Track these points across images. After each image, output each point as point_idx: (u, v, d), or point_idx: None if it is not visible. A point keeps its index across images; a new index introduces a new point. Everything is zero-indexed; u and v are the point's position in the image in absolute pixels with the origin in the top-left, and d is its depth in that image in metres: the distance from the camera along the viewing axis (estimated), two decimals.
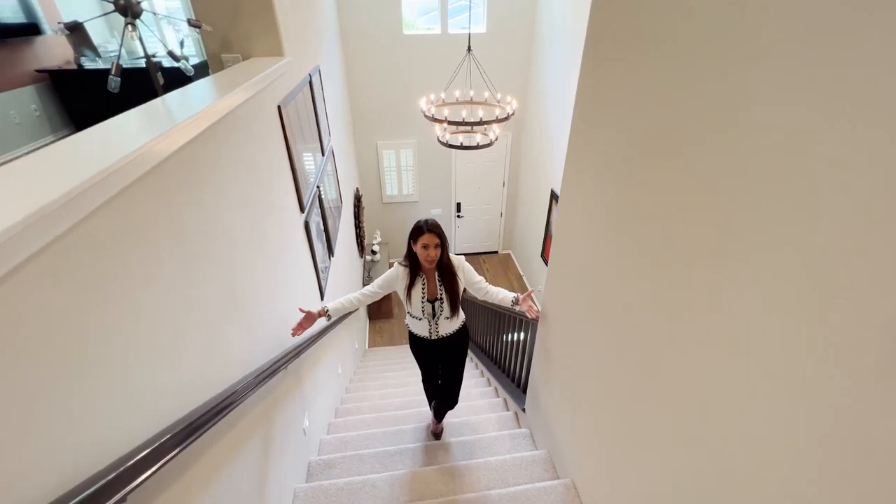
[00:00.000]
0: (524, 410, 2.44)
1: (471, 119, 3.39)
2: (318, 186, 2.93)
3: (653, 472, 1.15)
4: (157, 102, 1.28)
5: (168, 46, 2.51)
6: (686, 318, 0.95)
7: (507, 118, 3.48)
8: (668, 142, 0.97)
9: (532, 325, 2.28)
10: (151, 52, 2.02)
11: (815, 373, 0.65)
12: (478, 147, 3.80)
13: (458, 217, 7.14)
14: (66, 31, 1.73)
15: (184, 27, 4.25)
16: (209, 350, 1.15)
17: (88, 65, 4.62)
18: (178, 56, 2.09)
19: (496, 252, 7.66)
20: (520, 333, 2.70)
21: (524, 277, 6.82)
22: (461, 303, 2.01)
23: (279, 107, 2.05)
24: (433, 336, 2.04)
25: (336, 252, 3.53)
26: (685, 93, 0.90)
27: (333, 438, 2.45)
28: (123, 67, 1.92)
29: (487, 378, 3.60)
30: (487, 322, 3.63)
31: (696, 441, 0.95)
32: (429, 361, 2.21)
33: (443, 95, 3.87)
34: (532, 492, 1.73)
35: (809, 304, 0.64)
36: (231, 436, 1.26)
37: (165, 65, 3.87)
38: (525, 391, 2.49)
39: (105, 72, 4.44)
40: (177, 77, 3.19)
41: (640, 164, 1.10)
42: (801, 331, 0.66)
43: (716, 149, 0.81)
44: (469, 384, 3.57)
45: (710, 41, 0.81)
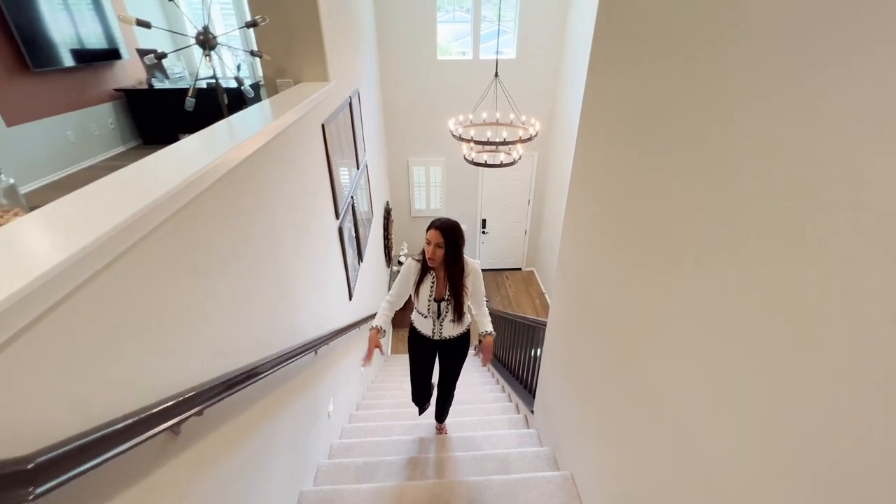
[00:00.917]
0: (532, 412, 2.57)
1: (495, 139, 3.63)
2: (352, 197, 3.22)
3: (639, 466, 1.25)
4: (227, 121, 1.58)
5: (230, 72, 2.90)
6: (671, 325, 1.03)
7: (530, 139, 3.70)
8: (660, 153, 1.10)
9: (542, 335, 2.43)
10: (218, 76, 2.38)
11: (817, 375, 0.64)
12: (501, 165, 4.03)
13: (484, 233, 7.35)
14: (155, 60, 2.08)
15: (241, 53, 4.76)
16: (265, 322, 1.40)
17: (157, 85, 5.21)
18: (242, 80, 2.44)
19: (519, 269, 7.79)
20: (534, 343, 2.85)
21: (546, 295, 6.90)
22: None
23: (323, 125, 2.35)
24: (436, 336, 2.04)
25: (365, 258, 3.80)
26: (673, 105, 0.98)
27: (354, 427, 2.66)
28: (185, 88, 2.26)
29: (502, 385, 3.73)
30: (505, 332, 3.78)
31: (671, 436, 1.06)
32: (425, 360, 2.19)
33: (471, 117, 4.14)
34: (532, 480, 1.86)
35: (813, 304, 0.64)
36: (272, 397, 1.49)
37: (225, 86, 4.35)
38: (534, 395, 2.62)
39: (171, 91, 5.03)
40: (237, 97, 3.62)
41: (634, 178, 1.26)
42: (797, 335, 0.67)
43: (706, 162, 0.87)
44: (484, 390, 3.71)
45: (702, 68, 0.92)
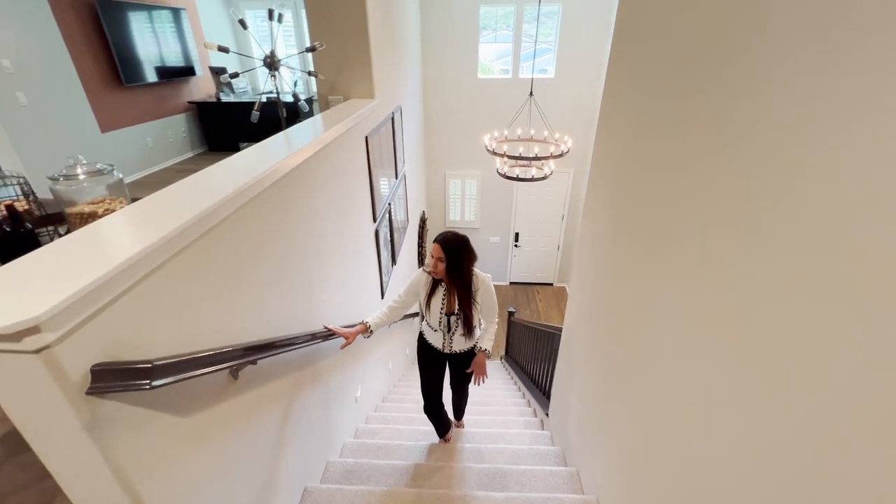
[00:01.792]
0: (547, 415, 2.67)
1: (527, 154, 3.80)
2: (390, 203, 3.48)
3: (636, 465, 1.34)
4: (285, 133, 1.86)
5: (288, 88, 3.27)
6: (666, 336, 1.11)
7: (561, 155, 3.84)
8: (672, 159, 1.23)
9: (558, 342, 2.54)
10: (278, 91, 2.73)
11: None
12: (532, 179, 4.18)
13: (516, 246, 7.46)
14: (229, 79, 2.44)
15: (298, 72, 5.27)
16: (304, 302, 1.64)
17: (224, 98, 5.79)
18: (298, 96, 2.78)
19: (551, 284, 7.81)
20: (553, 350, 2.95)
21: None
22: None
23: (366, 137, 2.63)
24: (446, 350, 2.01)
25: (398, 261, 4.05)
26: (684, 116, 1.03)
27: (379, 415, 2.86)
28: (247, 101, 2.60)
29: (523, 392, 3.82)
30: (527, 341, 3.89)
31: (664, 438, 1.15)
32: (434, 372, 2.15)
33: (506, 132, 4.34)
34: (539, 473, 1.98)
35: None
36: (309, 370, 1.73)
37: (283, 101, 4.82)
38: (549, 399, 2.73)
39: (235, 104, 5.59)
40: (293, 110, 4.02)
41: (641, 192, 1.39)
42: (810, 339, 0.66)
43: (712, 172, 0.91)
44: (505, 395, 3.82)
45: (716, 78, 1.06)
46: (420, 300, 1.94)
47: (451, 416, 2.56)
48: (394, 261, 3.80)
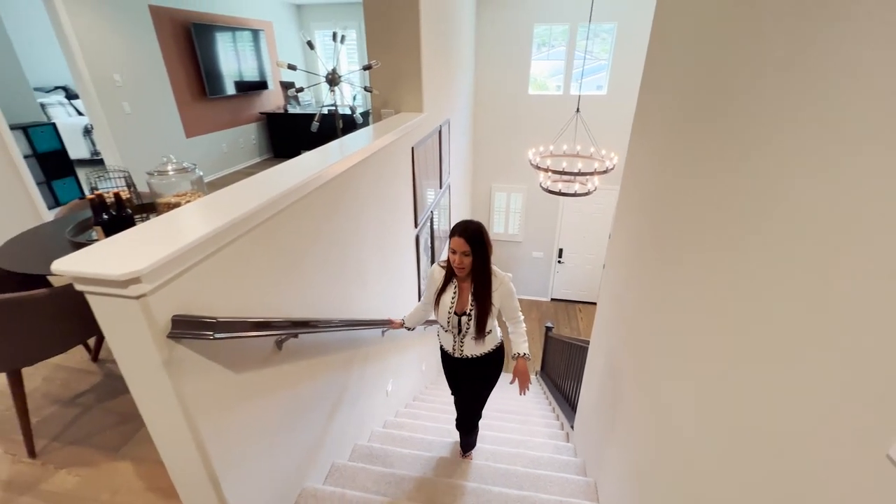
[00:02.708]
0: (573, 428, 2.67)
1: (570, 170, 3.84)
2: (432, 212, 3.66)
3: (652, 479, 1.34)
4: (340, 140, 2.08)
5: (346, 101, 3.57)
6: (685, 353, 1.17)
7: (605, 171, 3.84)
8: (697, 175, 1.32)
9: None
10: (336, 104, 3.01)
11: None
12: (575, 195, 4.20)
13: (559, 262, 7.39)
14: (296, 93, 2.74)
15: (356, 87, 5.70)
16: (342, 289, 1.82)
17: (291, 110, 6.33)
18: (355, 109, 3.04)
19: (594, 304, 7.62)
20: (583, 364, 2.95)
21: None
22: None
23: (413, 148, 2.82)
24: (456, 354, 1.84)
25: None
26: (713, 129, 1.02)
27: (408, 411, 3.00)
28: (310, 113, 2.88)
29: (553, 406, 3.80)
30: (562, 357, 3.87)
31: (681, 454, 1.22)
32: (453, 377, 2.02)
33: (551, 148, 4.41)
34: (556, 479, 2.00)
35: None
36: (345, 355, 1.90)
37: (341, 113, 5.21)
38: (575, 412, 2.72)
39: (299, 115, 6.09)
40: (350, 121, 4.34)
41: (671, 205, 1.44)
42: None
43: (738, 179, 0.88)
44: (533, 405, 3.81)
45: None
46: (430, 298, 1.80)
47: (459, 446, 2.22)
48: None
